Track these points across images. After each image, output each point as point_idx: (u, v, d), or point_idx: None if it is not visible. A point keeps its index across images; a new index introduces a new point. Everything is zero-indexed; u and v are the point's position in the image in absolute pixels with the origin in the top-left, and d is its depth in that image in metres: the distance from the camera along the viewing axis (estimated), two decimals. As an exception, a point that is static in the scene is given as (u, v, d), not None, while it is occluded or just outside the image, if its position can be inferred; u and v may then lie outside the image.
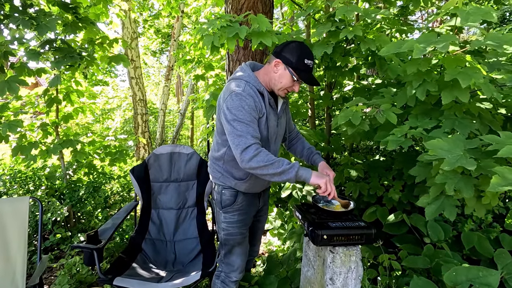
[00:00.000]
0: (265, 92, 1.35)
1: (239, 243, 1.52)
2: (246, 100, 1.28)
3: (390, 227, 2.06)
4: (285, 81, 1.34)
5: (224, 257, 1.55)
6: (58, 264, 2.35)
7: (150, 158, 2.09)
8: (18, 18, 1.73)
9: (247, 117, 1.27)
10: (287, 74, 1.33)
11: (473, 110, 1.43)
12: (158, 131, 7.15)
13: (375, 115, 1.52)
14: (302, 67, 1.32)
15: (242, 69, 1.41)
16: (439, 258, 1.71)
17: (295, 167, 1.25)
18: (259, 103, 1.32)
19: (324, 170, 1.51)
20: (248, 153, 1.23)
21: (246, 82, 1.34)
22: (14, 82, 1.95)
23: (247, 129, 1.26)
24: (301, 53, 1.32)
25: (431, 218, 1.21)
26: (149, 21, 9.25)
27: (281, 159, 1.26)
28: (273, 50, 1.39)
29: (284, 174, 1.24)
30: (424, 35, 1.22)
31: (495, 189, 0.94)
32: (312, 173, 1.28)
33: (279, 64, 1.34)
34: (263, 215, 1.74)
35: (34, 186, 2.83)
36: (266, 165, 1.22)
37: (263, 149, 1.26)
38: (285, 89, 1.37)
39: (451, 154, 1.11)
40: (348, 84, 3.12)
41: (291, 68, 1.32)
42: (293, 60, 1.31)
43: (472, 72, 1.18)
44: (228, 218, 1.49)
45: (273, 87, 1.39)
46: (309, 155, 1.64)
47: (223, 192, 1.47)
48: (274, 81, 1.37)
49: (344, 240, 1.28)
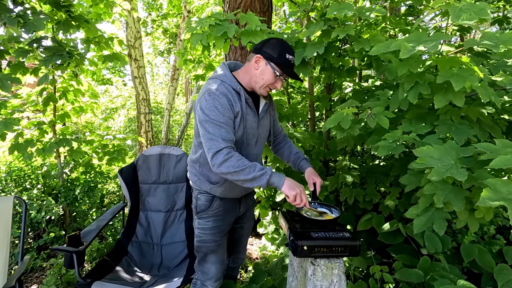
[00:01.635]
0: (242, 92, 1.30)
1: (212, 251, 1.46)
2: (219, 100, 1.23)
3: (386, 236, 1.96)
4: (267, 77, 1.30)
5: (199, 264, 1.50)
6: (48, 263, 2.34)
7: (139, 159, 2.05)
8: (5, 16, 1.73)
9: (219, 117, 1.22)
10: (268, 69, 1.29)
11: (471, 115, 1.33)
12: (163, 131, 7.18)
13: (367, 119, 1.44)
14: (283, 61, 1.28)
15: (219, 69, 1.38)
16: (435, 271, 1.61)
17: (266, 174, 1.19)
18: (234, 102, 1.27)
19: (311, 176, 1.46)
20: (219, 158, 1.18)
21: (221, 81, 1.29)
22: (6, 80, 1.94)
23: (219, 131, 1.21)
24: (282, 48, 1.28)
25: (420, 231, 1.12)
26: (157, 21, 9.32)
27: (254, 165, 1.20)
28: (253, 47, 1.35)
29: (255, 180, 1.19)
30: (414, 34, 1.13)
31: (485, 204, 0.85)
32: (284, 182, 1.21)
33: (260, 59, 1.29)
34: (246, 221, 1.67)
35: (31, 184, 2.85)
36: (237, 171, 1.17)
37: (235, 154, 1.20)
38: (267, 86, 1.32)
39: (441, 162, 1.03)
40: (349, 86, 3.03)
41: (272, 63, 1.28)
42: (275, 55, 1.27)
43: (467, 74, 1.09)
44: (202, 224, 1.43)
45: (254, 85, 1.34)
46: (296, 160, 1.58)
47: (199, 197, 1.42)
48: (255, 78, 1.32)
49: (326, 252, 1.20)
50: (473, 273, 1.80)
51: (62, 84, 2.83)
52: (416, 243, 1.85)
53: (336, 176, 2.27)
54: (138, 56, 4.87)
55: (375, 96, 1.74)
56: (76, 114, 3.05)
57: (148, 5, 9.05)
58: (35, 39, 2.04)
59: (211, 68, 3.81)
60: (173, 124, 8.94)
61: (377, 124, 1.43)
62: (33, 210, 2.50)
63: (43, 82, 2.15)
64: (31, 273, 2.37)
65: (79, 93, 2.88)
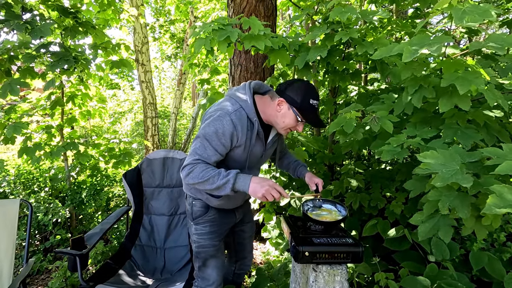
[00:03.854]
0: (256, 124, 1.27)
1: (211, 255, 1.44)
2: (225, 126, 1.20)
3: (391, 242, 1.92)
4: (289, 120, 1.27)
5: (199, 270, 1.48)
6: (53, 266, 2.36)
7: (143, 163, 2.07)
8: (13, 22, 1.77)
9: (213, 140, 1.20)
10: (291, 114, 1.26)
11: (478, 119, 1.30)
12: (170, 135, 7.24)
13: (370, 123, 1.42)
14: (307, 107, 1.24)
15: (243, 90, 1.31)
16: (442, 279, 1.56)
17: (229, 182, 1.16)
18: (241, 132, 1.24)
19: (312, 179, 1.46)
20: (184, 171, 1.20)
21: (240, 106, 1.25)
22: (15, 84, 1.99)
23: (203, 151, 1.20)
24: (306, 93, 1.24)
25: (425, 238, 1.09)
26: (164, 26, 9.44)
27: (218, 173, 1.17)
28: (277, 88, 1.31)
29: (220, 189, 1.18)
30: (417, 37, 1.12)
31: (491, 211, 0.82)
32: (249, 185, 1.17)
33: (283, 103, 1.26)
34: (246, 224, 1.66)
35: (39, 187, 2.89)
36: (201, 181, 1.17)
37: (199, 164, 1.18)
38: (288, 128, 1.31)
39: (445, 168, 1.00)
40: (354, 90, 3.00)
41: (295, 108, 1.24)
42: (298, 100, 1.23)
43: (473, 77, 1.06)
44: (199, 229, 1.42)
45: (274, 125, 1.33)
46: (295, 167, 1.58)
47: (194, 203, 1.41)
48: (276, 119, 1.29)
49: (328, 258, 1.18)
50: (483, 281, 1.74)
51: (70, 88, 2.88)
52: (423, 249, 1.80)
53: (341, 181, 2.25)
54: (145, 61, 4.93)
55: (380, 100, 1.71)
56: (83, 118, 3.10)
57: (156, 11, 9.19)
58: (43, 44, 2.09)
59: (217, 72, 3.84)
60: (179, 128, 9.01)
61: (381, 128, 1.41)
62: (40, 213, 2.53)
63: (50, 86, 2.20)
64: (37, 275, 2.39)
65: (87, 97, 2.93)
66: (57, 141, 2.85)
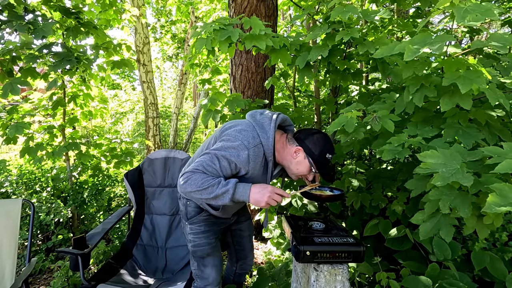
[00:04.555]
0: (271, 164, 1.29)
1: (208, 254, 1.45)
2: (241, 158, 1.20)
3: (393, 242, 1.92)
4: (302, 169, 1.30)
5: (197, 270, 1.48)
6: (55, 265, 2.37)
7: (144, 163, 2.07)
8: (16, 23, 1.78)
9: (224, 164, 1.20)
10: (306, 163, 1.29)
11: (480, 118, 1.30)
12: (171, 135, 7.25)
13: (371, 123, 1.42)
14: (322, 161, 1.27)
15: (269, 124, 1.28)
16: (444, 279, 1.56)
17: (229, 193, 1.16)
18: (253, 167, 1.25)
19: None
20: (182, 178, 1.20)
21: (261, 143, 1.25)
22: (16, 84, 2.00)
23: (209, 166, 1.19)
24: (324, 147, 1.28)
25: (426, 237, 1.09)
26: (166, 26, 9.46)
27: (217, 182, 1.17)
28: (296, 135, 1.33)
29: (218, 199, 1.17)
30: (419, 36, 1.11)
31: (491, 210, 0.82)
32: (249, 196, 1.17)
33: (300, 151, 1.29)
34: (243, 222, 1.66)
35: (41, 187, 2.90)
36: (199, 190, 1.16)
37: (198, 172, 1.18)
38: (299, 175, 1.34)
39: (446, 167, 1.00)
40: (356, 89, 3.00)
41: (312, 159, 1.28)
42: (316, 152, 1.27)
43: (474, 76, 1.06)
44: (194, 229, 1.42)
45: (286, 168, 1.35)
46: None
47: (188, 204, 1.42)
48: (290, 165, 1.32)
49: (329, 257, 1.18)
50: (485, 281, 1.74)
51: (72, 89, 2.89)
52: (425, 249, 1.80)
53: (342, 181, 2.24)
54: (146, 61, 4.94)
55: (381, 99, 1.71)
56: (85, 119, 3.11)
57: (157, 11, 9.21)
58: (45, 45, 2.10)
59: (218, 72, 3.84)
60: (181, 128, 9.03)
61: (382, 127, 1.41)
62: (42, 213, 2.54)
63: (52, 87, 2.21)
64: (40, 275, 2.40)
65: (88, 97, 2.94)
66: (59, 141, 2.87)
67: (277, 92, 4.67)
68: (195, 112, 7.69)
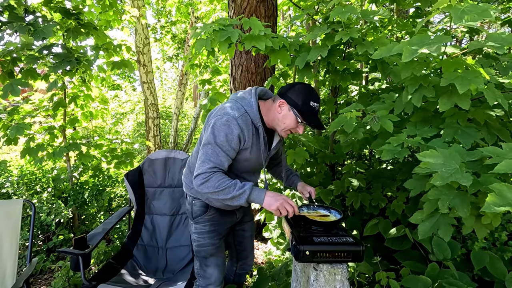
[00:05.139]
0: (261, 129, 1.30)
1: (211, 254, 1.46)
2: (233, 129, 1.23)
3: (393, 242, 1.92)
4: (289, 122, 1.30)
5: (200, 269, 1.49)
6: (56, 266, 2.38)
7: (144, 163, 2.08)
8: (16, 24, 1.79)
9: (224, 145, 1.23)
10: (291, 115, 1.29)
11: (478, 118, 1.30)
12: (171, 135, 7.26)
13: (370, 123, 1.42)
14: (307, 109, 1.27)
15: (249, 95, 1.34)
16: (443, 279, 1.57)
17: (245, 193, 1.20)
18: (247, 136, 1.27)
19: (304, 188, 1.51)
20: (199, 179, 1.21)
21: (245, 111, 1.28)
22: (16, 85, 2.01)
23: (216, 157, 1.22)
24: (307, 95, 1.27)
25: (425, 237, 1.09)
26: (166, 27, 9.46)
27: (234, 183, 1.21)
28: (279, 90, 1.34)
29: (235, 199, 1.21)
30: (417, 37, 1.12)
31: (490, 209, 0.82)
32: (264, 198, 1.22)
33: (284, 104, 1.29)
34: (246, 222, 1.67)
35: (42, 187, 2.91)
36: (216, 191, 1.20)
37: (215, 174, 1.21)
38: (288, 130, 1.33)
39: (445, 167, 1.00)
40: (355, 89, 3.00)
41: (296, 110, 1.27)
42: (299, 102, 1.27)
43: (472, 76, 1.07)
44: (199, 228, 1.43)
45: (275, 127, 1.35)
46: (287, 176, 1.61)
47: (194, 203, 1.43)
48: (277, 121, 1.32)
49: (328, 257, 1.18)
50: (485, 281, 1.74)
51: (73, 90, 2.90)
52: (424, 249, 1.81)
53: (342, 180, 2.25)
54: (146, 62, 4.95)
55: (380, 99, 1.72)
56: (86, 119, 3.12)
57: (157, 12, 9.22)
58: (45, 46, 2.11)
59: (218, 72, 3.85)
60: (181, 128, 9.04)
61: (381, 127, 1.42)
62: (43, 213, 2.55)
63: (53, 87, 2.22)
64: (40, 275, 2.41)
65: (89, 98, 2.95)
66: (60, 141, 2.87)
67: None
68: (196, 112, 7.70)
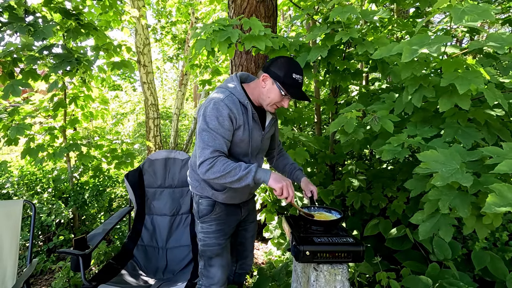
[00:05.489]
0: (249, 106, 1.32)
1: (217, 254, 1.45)
2: (222, 110, 1.25)
3: (393, 242, 1.92)
4: (273, 96, 1.31)
5: (204, 269, 1.49)
6: (56, 266, 2.38)
7: (145, 164, 2.08)
8: (16, 24, 1.79)
9: (217, 128, 1.24)
10: (275, 89, 1.30)
11: (479, 118, 1.30)
12: (172, 135, 7.26)
13: (370, 123, 1.42)
14: (290, 81, 1.28)
15: (230, 79, 1.39)
16: (444, 279, 1.56)
17: (251, 172, 1.21)
18: (238, 115, 1.29)
19: (307, 186, 1.50)
20: (204, 166, 1.22)
21: (230, 92, 1.31)
22: (17, 86, 2.01)
23: (213, 142, 1.24)
24: (289, 68, 1.28)
25: (425, 237, 1.09)
26: (166, 27, 9.47)
27: (239, 165, 1.22)
28: (263, 65, 1.37)
29: (242, 180, 1.22)
30: (417, 37, 1.12)
31: (491, 210, 0.82)
32: (270, 176, 1.23)
33: (267, 78, 1.31)
34: (250, 223, 1.67)
35: (42, 188, 2.91)
36: (223, 175, 1.20)
37: (219, 159, 1.22)
38: (273, 104, 1.34)
39: (445, 167, 1.00)
40: (356, 89, 3.00)
41: (279, 82, 1.28)
42: (281, 74, 1.28)
43: (472, 77, 1.06)
44: (205, 228, 1.43)
45: (262, 102, 1.37)
46: (291, 170, 1.61)
47: (200, 202, 1.43)
48: (262, 96, 1.34)
49: (329, 257, 1.18)
50: (485, 281, 1.74)
51: (73, 90, 2.90)
52: (425, 249, 1.80)
53: (342, 181, 2.25)
54: (146, 62, 4.95)
55: (381, 99, 1.71)
56: (86, 120, 3.12)
57: (158, 12, 9.22)
58: (46, 46, 2.11)
59: (218, 73, 3.85)
60: (181, 128, 9.03)
61: (382, 127, 1.42)
62: (43, 214, 2.55)
63: (53, 88, 2.22)
64: (41, 276, 2.41)
65: (89, 99, 2.95)
66: (60, 142, 2.87)
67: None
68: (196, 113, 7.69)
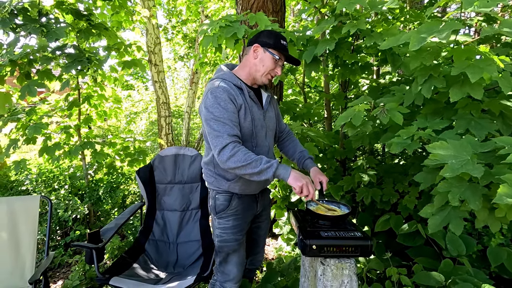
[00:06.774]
0: (243, 86, 1.35)
1: (234, 250, 1.45)
2: (220, 96, 1.26)
3: (405, 238, 1.88)
4: (267, 63, 1.35)
5: (219, 265, 1.50)
6: (73, 260, 2.46)
7: (155, 160, 2.12)
8: (30, 26, 1.86)
9: (223, 113, 1.25)
10: (267, 55, 1.34)
11: (493, 109, 1.25)
12: (183, 133, 7.36)
13: (378, 115, 1.39)
14: (280, 46, 1.34)
15: (218, 69, 1.45)
16: (457, 275, 1.52)
17: (272, 167, 1.21)
18: (236, 96, 1.30)
19: (317, 175, 1.45)
20: (225, 154, 1.21)
21: (222, 79, 1.34)
22: (33, 86, 2.08)
23: (224, 128, 1.24)
24: (277, 35, 1.35)
25: (435, 231, 1.06)
26: (177, 27, 9.56)
27: (260, 158, 1.22)
28: (248, 42, 1.42)
29: (262, 174, 1.21)
30: (426, 24, 1.08)
31: (502, 201, 0.79)
32: (290, 174, 1.23)
33: (258, 48, 1.35)
34: (263, 220, 1.66)
35: (59, 185, 3.02)
36: (244, 165, 1.20)
37: (241, 148, 1.22)
38: (267, 73, 1.37)
39: (455, 158, 0.97)
40: (366, 83, 2.94)
41: (270, 48, 1.33)
42: (271, 41, 1.33)
43: (485, 65, 1.03)
44: (223, 223, 1.43)
45: (255, 75, 1.38)
46: (300, 158, 1.57)
47: (217, 197, 1.43)
48: (255, 67, 1.37)
49: (336, 252, 1.17)
50: (502, 278, 1.68)
51: (87, 90, 2.99)
52: (438, 245, 1.76)
53: (352, 176, 2.21)
54: (158, 61, 5.02)
55: (391, 92, 1.68)
56: (100, 119, 3.20)
57: (168, 12, 9.32)
58: (59, 47, 2.18)
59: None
60: (193, 127, 9.13)
61: (391, 120, 1.39)
62: (60, 209, 2.65)
63: (65, 87, 2.29)
64: (59, 269, 2.50)
65: (102, 98, 3.03)
66: (75, 140, 2.96)
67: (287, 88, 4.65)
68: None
